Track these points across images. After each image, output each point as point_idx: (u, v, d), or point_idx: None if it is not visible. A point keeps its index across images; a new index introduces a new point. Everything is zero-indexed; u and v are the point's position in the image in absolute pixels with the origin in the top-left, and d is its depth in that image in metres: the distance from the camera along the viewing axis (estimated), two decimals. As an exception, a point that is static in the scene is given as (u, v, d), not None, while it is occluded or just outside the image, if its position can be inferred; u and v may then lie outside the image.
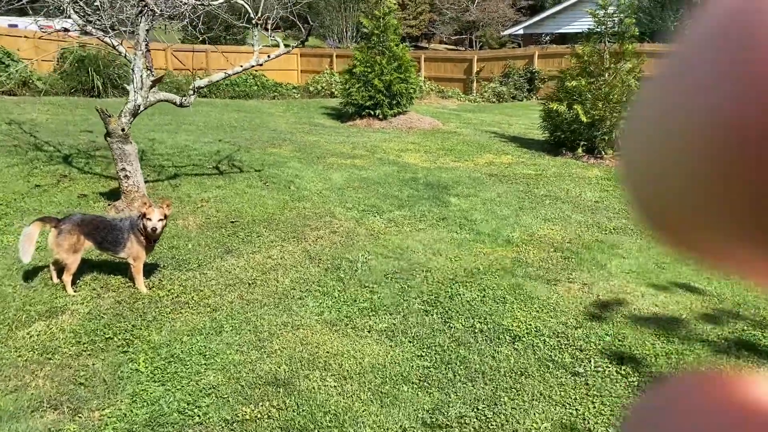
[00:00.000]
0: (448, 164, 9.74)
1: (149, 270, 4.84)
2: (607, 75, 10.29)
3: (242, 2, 6.35)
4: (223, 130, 11.79)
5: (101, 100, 13.95)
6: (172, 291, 4.63)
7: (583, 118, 10.06)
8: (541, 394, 3.47)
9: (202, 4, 6.13)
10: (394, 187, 8.07)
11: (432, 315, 4.44)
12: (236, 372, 3.58)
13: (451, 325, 4.29)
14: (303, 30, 6.97)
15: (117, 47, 5.97)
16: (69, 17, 6.28)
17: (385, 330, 4.19)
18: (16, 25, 25.67)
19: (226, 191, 7.26)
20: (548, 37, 31.31)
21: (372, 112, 13.59)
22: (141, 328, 4.06)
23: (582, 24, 26.38)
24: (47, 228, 4.44)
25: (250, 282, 4.90)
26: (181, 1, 5.85)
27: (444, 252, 5.76)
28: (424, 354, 3.88)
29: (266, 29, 6.91)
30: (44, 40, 21.09)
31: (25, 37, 20.00)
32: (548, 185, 8.46)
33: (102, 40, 5.94)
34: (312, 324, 4.24)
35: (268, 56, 6.62)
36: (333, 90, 19.36)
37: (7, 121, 10.03)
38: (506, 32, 31.33)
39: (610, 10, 10.30)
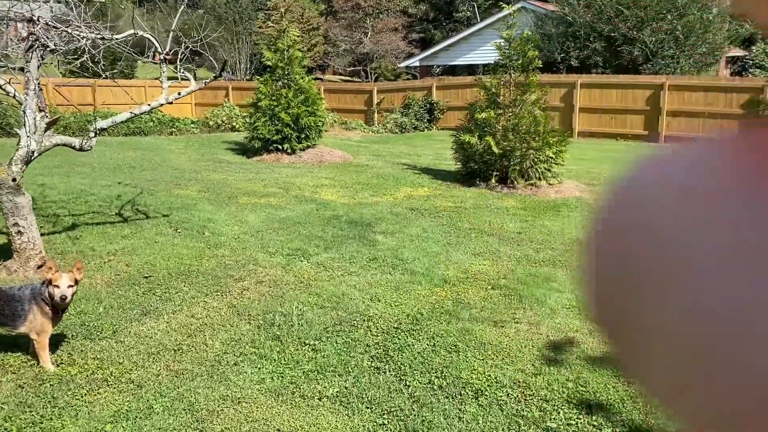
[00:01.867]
0: (368, 199, 9.49)
1: (55, 342, 4.17)
2: (514, 106, 10.49)
3: (149, 36, 5.83)
4: (122, 171, 10.93)
5: (-24, 141, 12.61)
6: (86, 366, 4.00)
7: (495, 150, 10.17)
8: (520, 458, 3.21)
9: (103, 38, 5.55)
10: (317, 227, 7.69)
11: (385, 373, 4.09)
12: (176, 466, 3.07)
13: (407, 382, 3.97)
14: (216, 64, 6.51)
15: (4, 86, 5.26)
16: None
17: (337, 395, 3.80)
18: None
19: (134, 241, 6.59)
20: (439, 69, 32.22)
21: (280, 147, 13.16)
22: (52, 419, 3.43)
23: (473, 57, 27.38)
24: (-74, 303, 3.72)
25: (175, 348, 4.34)
26: (78, 35, 5.25)
27: (382, 297, 5.45)
28: (386, 421, 3.52)
29: (172, 63, 6.41)
30: None
31: None
32: (470, 218, 8.39)
33: (-15, 79, 5.22)
34: (254, 395, 3.77)
35: (179, 93, 6.11)
36: (234, 124, 18.71)
37: None
38: (403, 64, 31.94)
39: (515, 42, 10.54)
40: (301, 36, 13.72)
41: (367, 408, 3.66)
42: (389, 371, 4.11)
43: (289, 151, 13.18)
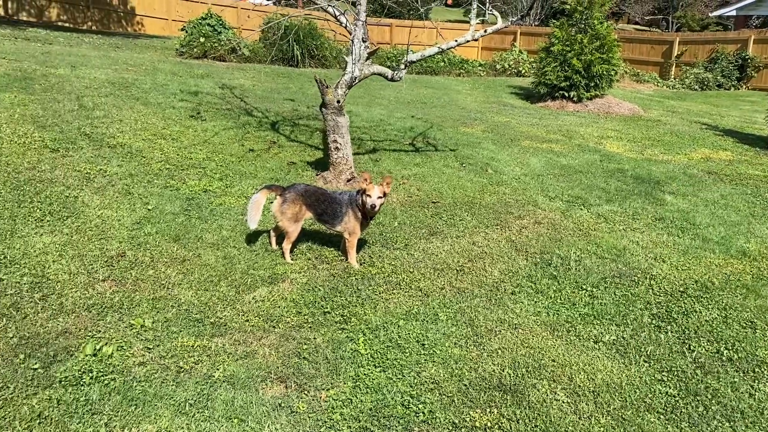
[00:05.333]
0: (658, 156, 8.85)
1: (360, 245, 4.78)
2: None
3: (465, -27, 6.06)
4: (414, 106, 11.72)
5: (299, 70, 14.54)
6: (383, 270, 4.53)
7: (829, 115, 8.62)
8: (823, 453, 2.87)
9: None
10: (599, 178, 7.44)
11: (666, 332, 3.91)
12: (458, 369, 3.37)
13: (691, 347, 3.75)
14: (504, 8, 6.52)
15: (339, 17, 5.96)
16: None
17: (614, 343, 3.75)
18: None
19: (424, 169, 7.12)
20: (759, 20, 27.91)
21: (566, 94, 12.81)
22: (356, 306, 3.99)
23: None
24: (272, 196, 4.53)
25: (458, 269, 4.67)
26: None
27: (667, 258, 5.14)
28: (665, 378, 3.40)
29: (482, 3, 6.57)
30: (245, 10, 22.54)
31: (231, 6, 21.48)
32: (783, 190, 7.33)
33: (325, 10, 5.97)
34: (530, 325, 3.92)
35: (485, 31, 6.28)
36: (520, 68, 18.64)
37: (220, 86, 10.71)
38: (715, 13, 28.27)
39: None
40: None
41: (645, 362, 3.56)
42: (671, 332, 3.92)
43: (575, 99, 12.77)
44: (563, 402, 3.13)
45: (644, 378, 3.39)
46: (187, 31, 15.16)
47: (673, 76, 20.36)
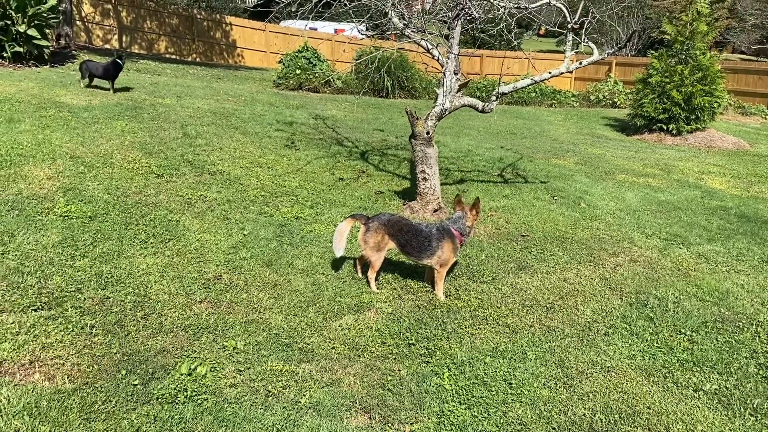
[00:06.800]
0: (765, 194, 8.31)
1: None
2: None
3: (561, 5, 6.00)
4: (503, 137, 11.63)
5: (389, 101, 14.79)
6: (470, 303, 4.48)
7: None
8: None
9: (518, 7, 5.92)
10: (700, 216, 7.07)
11: (777, 385, 3.63)
12: (546, 410, 3.25)
13: (806, 403, 3.45)
14: (600, 38, 6.36)
15: (431, 50, 6.04)
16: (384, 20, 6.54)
17: (715, 393, 3.52)
18: (315, 28, 28.76)
19: (513, 201, 7.01)
20: None
21: (664, 127, 12.34)
22: (441, 339, 3.95)
23: None
24: (357, 224, 4.61)
25: (548, 306, 4.54)
26: (499, 5, 5.70)
27: (777, 304, 4.78)
28: (774, 436, 3.15)
29: (577, 34, 6.48)
30: (338, 43, 23.28)
31: (327, 39, 22.23)
32: None
33: (418, 44, 6.06)
34: (624, 368, 3.74)
35: (580, 63, 6.17)
36: (615, 99, 18.13)
37: (314, 116, 11.06)
38: (831, 41, 26.49)
39: None
40: (709, 8, 12.36)
41: (752, 415, 3.31)
42: (782, 385, 3.63)
43: (674, 132, 12.26)
44: (660, 454, 2.95)
45: (751, 434, 3.15)
46: (284, 64, 15.82)
47: (783, 109, 19.15)
